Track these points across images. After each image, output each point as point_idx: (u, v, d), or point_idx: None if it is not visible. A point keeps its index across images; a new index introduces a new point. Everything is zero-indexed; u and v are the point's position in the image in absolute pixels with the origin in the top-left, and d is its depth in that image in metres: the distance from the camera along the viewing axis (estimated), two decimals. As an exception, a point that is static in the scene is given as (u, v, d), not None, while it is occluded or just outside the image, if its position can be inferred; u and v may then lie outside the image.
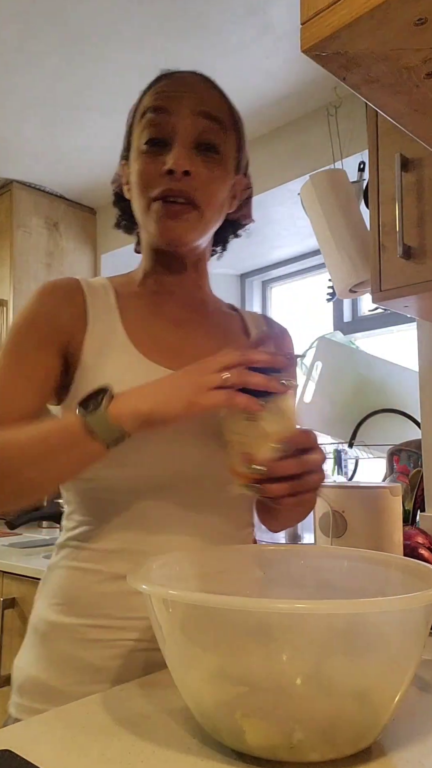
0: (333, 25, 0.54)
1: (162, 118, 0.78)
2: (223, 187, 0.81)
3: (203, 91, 0.80)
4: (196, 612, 0.53)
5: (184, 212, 0.77)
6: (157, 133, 0.78)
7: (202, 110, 0.78)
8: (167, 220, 0.78)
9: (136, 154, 0.80)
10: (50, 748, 0.54)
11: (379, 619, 0.51)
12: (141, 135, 0.79)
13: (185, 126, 0.77)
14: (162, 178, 0.76)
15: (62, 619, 0.76)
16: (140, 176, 0.79)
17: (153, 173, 0.77)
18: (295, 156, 2.09)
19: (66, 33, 1.70)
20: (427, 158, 1.08)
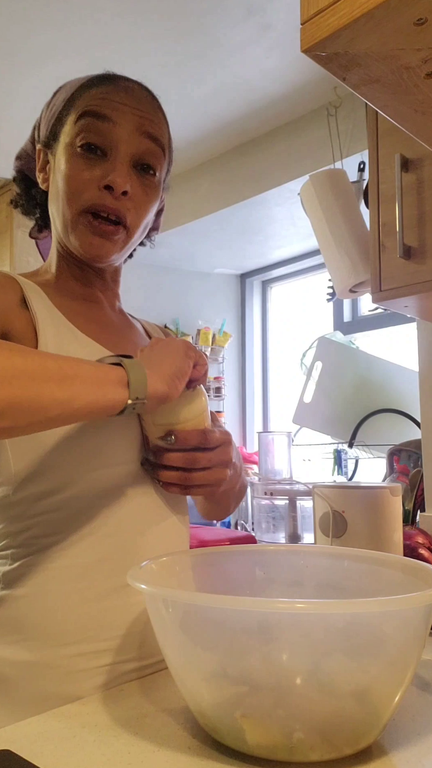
0: (333, 25, 0.54)
1: (106, 126, 0.75)
2: (153, 206, 0.81)
3: (150, 111, 0.78)
4: (196, 612, 0.53)
5: (114, 233, 0.77)
6: (97, 140, 0.75)
7: (147, 131, 0.77)
8: (94, 236, 0.76)
9: (68, 153, 0.76)
10: (50, 748, 0.54)
11: (379, 619, 0.51)
12: (77, 135, 0.76)
13: (128, 143, 0.76)
14: (96, 190, 0.75)
15: (36, 657, 0.68)
16: (70, 181, 0.76)
17: (86, 183, 0.75)
18: (295, 156, 2.09)
19: (65, 34, 1.70)
20: (427, 158, 1.08)
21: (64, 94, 0.80)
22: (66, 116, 0.78)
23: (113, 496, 0.73)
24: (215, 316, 2.81)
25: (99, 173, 0.75)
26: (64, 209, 0.77)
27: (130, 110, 0.76)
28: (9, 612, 0.70)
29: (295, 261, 2.70)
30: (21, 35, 1.71)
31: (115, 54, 1.78)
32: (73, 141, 0.76)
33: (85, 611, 0.70)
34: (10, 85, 1.92)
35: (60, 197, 0.77)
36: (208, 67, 1.84)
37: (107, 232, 0.76)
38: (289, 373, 2.70)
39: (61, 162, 0.77)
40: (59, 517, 0.71)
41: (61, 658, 0.68)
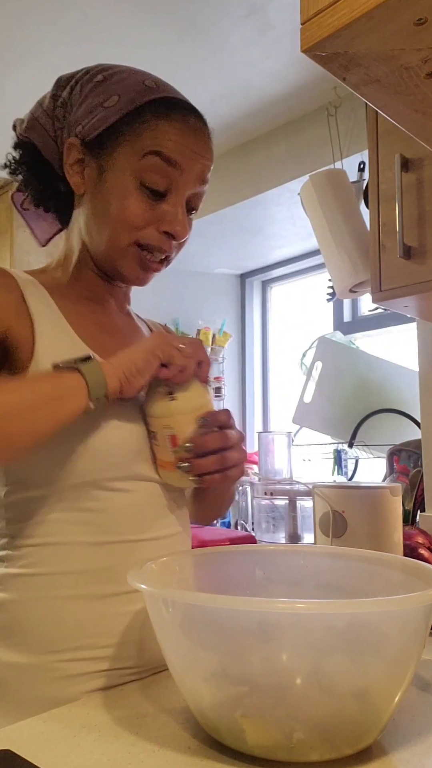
0: (333, 25, 0.54)
1: (173, 173, 0.76)
2: None
3: (211, 156, 0.80)
4: (196, 612, 0.53)
5: (159, 268, 0.81)
6: (163, 184, 0.76)
7: (205, 178, 0.79)
8: (141, 271, 0.79)
9: (128, 183, 0.75)
10: (50, 748, 0.54)
11: (379, 619, 0.51)
12: (143, 171, 0.75)
13: (188, 189, 0.78)
14: (155, 232, 0.77)
15: (32, 660, 0.68)
16: (129, 214, 0.75)
17: (147, 220, 0.76)
18: (295, 156, 2.09)
19: (65, 34, 1.70)
20: (427, 158, 1.08)
21: (120, 100, 0.75)
22: (126, 135, 0.75)
23: (112, 502, 0.72)
24: (215, 316, 2.81)
25: (159, 214, 0.76)
26: (114, 234, 0.77)
27: (198, 158, 0.77)
28: (5, 615, 0.70)
29: (295, 261, 2.70)
30: (19, 33, 1.71)
31: (115, 54, 1.78)
32: (138, 175, 0.75)
33: (81, 617, 0.69)
34: (9, 84, 1.92)
35: (110, 220, 0.76)
36: (208, 67, 1.84)
37: (154, 268, 0.80)
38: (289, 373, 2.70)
39: (116, 186, 0.76)
40: (55, 520, 0.71)
41: (57, 662, 0.68)
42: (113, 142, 0.76)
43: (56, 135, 0.80)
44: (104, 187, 0.77)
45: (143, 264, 0.79)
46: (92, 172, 0.78)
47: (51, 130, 0.80)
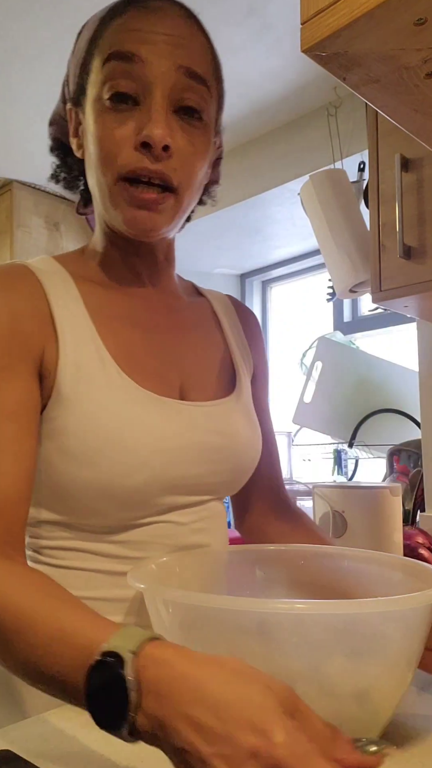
0: (333, 25, 0.54)
1: (135, 68, 0.61)
2: (205, 160, 0.67)
3: (188, 38, 0.63)
4: (196, 612, 0.53)
5: (159, 201, 0.63)
6: (127, 87, 0.61)
7: (186, 65, 0.62)
8: (137, 209, 0.63)
9: (96, 108, 0.63)
10: (50, 748, 0.54)
11: (379, 620, 0.51)
12: (103, 85, 0.62)
13: (164, 82, 0.61)
14: (133, 150, 0.61)
15: None
16: (101, 143, 0.62)
17: (120, 142, 0.61)
18: (295, 156, 2.09)
19: (65, 33, 1.70)
20: (427, 158, 1.08)
21: (87, 32, 0.66)
22: (90, 62, 0.64)
23: (143, 534, 0.68)
24: (215, 316, 2.82)
25: (132, 128, 0.61)
26: (99, 179, 0.64)
27: (162, 40, 0.61)
28: None
29: (295, 261, 2.70)
30: (22, 33, 1.71)
31: (115, 54, 1.78)
32: (100, 93, 0.62)
33: None
34: (9, 84, 1.92)
35: (94, 165, 0.65)
36: (208, 67, 1.84)
37: (151, 202, 0.63)
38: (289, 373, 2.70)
39: (90, 121, 0.64)
40: (82, 548, 0.67)
41: None
42: (86, 81, 0.66)
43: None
44: (86, 134, 0.66)
45: (136, 201, 0.63)
46: (83, 128, 0.68)
47: (64, 113, 0.74)
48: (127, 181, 0.63)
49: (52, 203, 2.66)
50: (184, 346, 0.74)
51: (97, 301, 0.68)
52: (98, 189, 0.66)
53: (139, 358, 0.69)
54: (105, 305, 0.69)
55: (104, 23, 0.64)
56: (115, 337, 0.67)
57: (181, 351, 0.74)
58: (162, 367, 0.71)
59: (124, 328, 0.69)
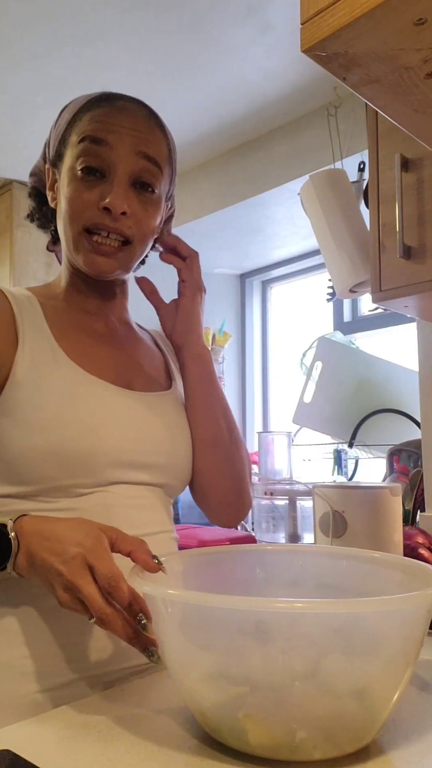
0: (333, 25, 0.54)
1: (102, 150, 0.78)
2: (155, 221, 0.83)
3: (145, 130, 0.80)
4: (196, 611, 0.53)
5: (115, 252, 0.79)
6: (95, 163, 0.78)
7: (143, 151, 0.79)
8: (96, 255, 0.79)
9: (69, 175, 0.80)
10: (50, 748, 0.54)
11: (377, 619, 0.51)
12: (77, 159, 0.79)
13: (125, 164, 0.78)
14: (96, 211, 0.77)
15: (5, 658, 0.72)
16: (71, 203, 0.79)
17: (86, 203, 0.78)
18: (295, 156, 2.09)
19: (66, 33, 1.70)
20: (427, 158, 1.08)
21: (68, 114, 0.83)
22: (68, 138, 0.81)
23: (85, 504, 0.74)
24: (215, 316, 2.81)
25: (98, 194, 0.77)
26: (66, 228, 0.80)
27: (127, 132, 0.78)
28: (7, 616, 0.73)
29: (295, 261, 2.69)
30: (14, 32, 1.71)
31: (115, 54, 1.78)
32: (74, 165, 0.79)
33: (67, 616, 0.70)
34: (9, 84, 1.92)
35: (63, 217, 0.80)
36: (208, 68, 1.84)
37: (107, 251, 0.79)
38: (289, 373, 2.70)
39: (64, 184, 0.80)
40: (26, 510, 0.72)
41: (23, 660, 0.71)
42: (64, 152, 0.82)
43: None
44: (60, 192, 0.82)
45: (95, 248, 0.79)
46: (57, 185, 0.84)
47: (43, 169, 0.88)
48: (88, 232, 0.79)
49: (52, 203, 2.66)
50: (131, 352, 0.89)
51: (56, 315, 0.83)
52: (65, 236, 0.82)
53: (91, 356, 0.82)
54: (62, 318, 0.83)
55: (82, 111, 0.81)
56: (69, 340, 0.81)
57: (128, 355, 0.87)
58: (113, 364, 0.84)
59: (78, 334, 0.83)
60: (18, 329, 0.77)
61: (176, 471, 0.85)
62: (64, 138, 0.82)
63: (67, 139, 0.81)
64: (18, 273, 2.52)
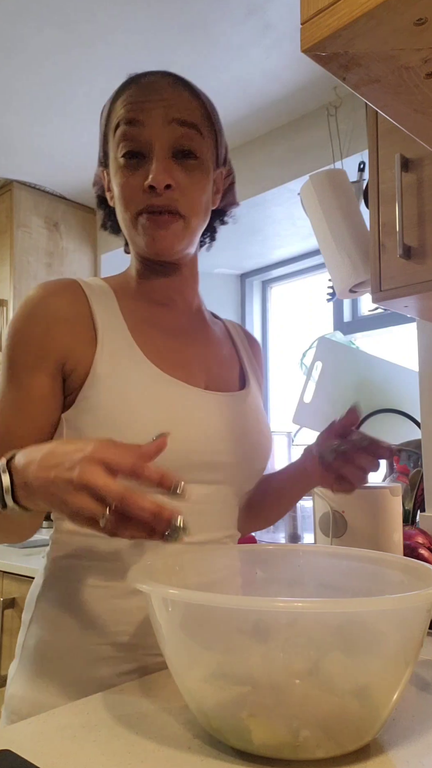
0: (333, 25, 0.54)
1: (136, 130, 0.77)
2: (204, 189, 0.81)
3: (174, 97, 0.78)
4: (196, 611, 0.53)
5: (170, 222, 0.78)
6: (133, 146, 0.77)
7: (176, 117, 0.77)
8: (155, 230, 0.78)
9: (115, 167, 0.80)
10: (50, 748, 0.54)
11: (376, 618, 0.51)
12: (117, 147, 0.79)
13: (160, 137, 0.77)
14: (143, 193, 0.77)
15: (71, 641, 0.73)
16: (121, 191, 0.79)
17: (134, 188, 0.77)
18: (295, 156, 2.09)
19: (66, 34, 1.70)
20: (427, 158, 1.08)
21: (105, 111, 0.83)
22: (108, 132, 0.82)
23: None
24: (215, 316, 2.82)
25: (142, 176, 0.77)
26: (123, 218, 0.81)
27: (155, 105, 0.77)
28: (53, 595, 0.76)
29: (295, 261, 2.69)
30: (20, 34, 1.71)
31: (116, 55, 1.78)
32: (116, 154, 0.79)
33: (113, 607, 0.74)
34: (9, 84, 1.92)
35: (118, 207, 0.81)
36: (208, 68, 1.84)
37: (164, 223, 0.77)
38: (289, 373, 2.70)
39: (113, 176, 0.81)
40: None
41: (92, 645, 0.73)
42: (108, 148, 0.82)
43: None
44: (113, 186, 0.82)
45: (152, 224, 0.78)
46: (110, 183, 0.84)
47: (101, 174, 0.89)
48: (144, 215, 0.78)
49: (51, 203, 2.66)
50: (206, 349, 0.87)
51: (132, 309, 0.82)
52: (123, 224, 0.82)
53: (166, 354, 0.80)
54: (138, 312, 0.82)
55: (114, 101, 0.81)
56: (144, 336, 0.80)
57: (204, 352, 0.86)
58: (187, 362, 0.82)
59: (153, 331, 0.81)
60: (96, 324, 0.77)
61: (250, 471, 0.85)
62: (105, 134, 0.83)
63: (108, 135, 0.82)
64: (18, 273, 2.52)
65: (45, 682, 0.74)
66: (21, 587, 1.80)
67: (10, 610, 1.82)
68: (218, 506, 0.80)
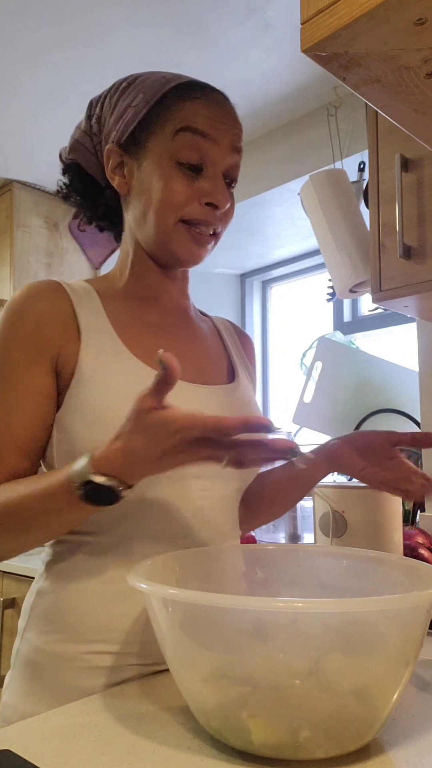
0: (333, 25, 0.54)
1: (207, 144, 0.78)
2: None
3: (237, 125, 0.81)
4: (196, 611, 0.53)
5: (210, 241, 0.81)
6: (198, 158, 0.78)
7: (237, 146, 0.81)
8: (195, 245, 0.80)
9: (164, 165, 0.78)
10: (50, 748, 0.54)
11: (376, 618, 0.51)
12: (177, 150, 0.77)
13: (222, 160, 0.79)
14: (197, 206, 0.78)
15: (63, 649, 0.72)
16: (170, 194, 0.77)
17: (188, 197, 0.78)
18: (295, 156, 2.09)
19: (66, 33, 1.70)
20: (427, 158, 1.08)
21: (144, 96, 0.80)
22: (154, 124, 0.79)
23: (155, 508, 0.74)
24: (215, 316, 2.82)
25: (199, 188, 0.78)
26: (160, 217, 0.79)
27: (227, 129, 0.79)
28: (46, 605, 0.76)
29: (295, 261, 2.69)
30: (17, 32, 1.71)
31: (116, 54, 1.78)
32: (173, 156, 0.78)
33: (109, 612, 0.73)
34: (6, 82, 1.92)
35: (153, 206, 0.79)
36: (208, 68, 1.84)
37: (205, 240, 0.81)
38: (289, 373, 2.70)
39: (154, 170, 0.79)
40: (103, 520, 0.74)
41: (83, 653, 0.72)
42: (146, 135, 0.79)
43: (96, 150, 0.86)
44: (144, 178, 0.80)
45: (195, 239, 0.80)
46: (132, 169, 0.81)
47: (91, 146, 0.86)
48: (186, 224, 0.79)
49: (51, 203, 2.66)
50: (192, 344, 0.87)
51: (116, 307, 0.82)
52: (153, 226, 0.80)
53: (152, 350, 0.78)
54: (122, 310, 0.82)
55: (174, 99, 0.79)
56: (130, 333, 0.80)
57: (190, 348, 0.86)
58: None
59: (138, 328, 0.82)
60: (79, 322, 0.77)
61: None
62: (146, 124, 0.79)
63: (152, 126, 0.79)
64: (18, 273, 2.52)
65: (37, 691, 0.73)
66: (21, 587, 1.80)
67: (10, 610, 1.82)
68: (216, 502, 0.80)
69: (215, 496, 0.79)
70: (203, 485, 0.78)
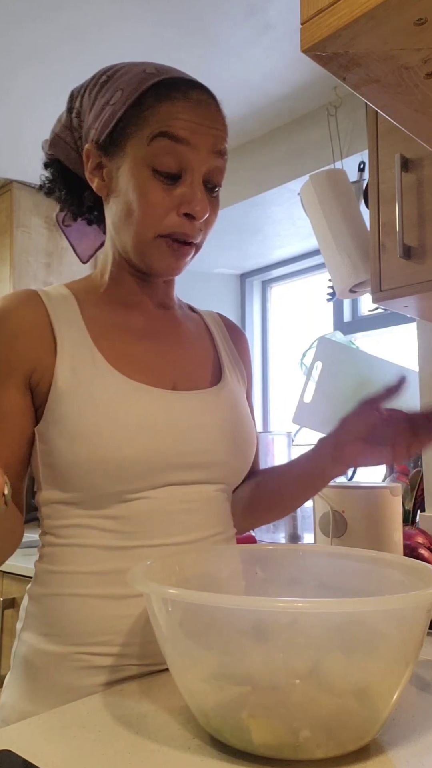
0: (333, 25, 0.54)
1: (183, 150, 0.73)
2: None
3: (220, 125, 0.76)
4: (196, 611, 0.53)
5: (189, 252, 0.78)
6: (174, 165, 0.73)
7: (219, 149, 0.75)
8: (173, 259, 0.77)
9: (140, 172, 0.74)
10: (50, 748, 0.54)
11: (376, 618, 0.51)
12: (153, 157, 0.73)
13: (202, 165, 0.74)
14: (176, 217, 0.74)
15: (61, 649, 0.72)
16: (147, 205, 0.74)
17: (166, 208, 0.74)
18: (295, 156, 2.09)
19: (66, 33, 1.70)
20: (427, 158, 1.08)
21: (123, 94, 0.75)
22: (132, 126, 0.74)
23: (134, 510, 0.74)
24: (215, 316, 2.82)
25: (177, 198, 0.74)
26: (138, 230, 0.75)
27: (207, 130, 0.74)
28: (43, 605, 0.75)
29: (295, 261, 2.69)
30: (14, 32, 1.71)
31: (115, 53, 1.78)
32: (149, 163, 0.73)
33: (100, 615, 0.72)
34: (6, 82, 1.92)
35: (134, 217, 0.75)
36: (208, 68, 1.84)
37: (183, 253, 0.77)
38: (289, 373, 2.70)
39: (130, 179, 0.75)
40: (79, 524, 0.75)
41: (80, 654, 0.72)
42: (123, 137, 0.75)
43: (77, 145, 0.83)
44: (121, 184, 0.76)
45: (174, 252, 0.76)
46: (110, 172, 0.78)
47: (72, 142, 0.83)
48: (167, 238, 0.75)
49: (51, 203, 2.64)
50: (177, 347, 0.84)
51: (95, 315, 0.80)
52: (132, 237, 0.77)
53: (132, 358, 0.78)
54: (101, 318, 0.80)
55: (152, 100, 0.74)
56: (109, 342, 0.78)
57: (174, 352, 0.83)
58: (155, 364, 0.80)
59: (117, 335, 0.80)
60: (56, 334, 0.75)
61: (232, 466, 0.82)
62: (123, 125, 0.75)
63: (130, 128, 0.74)
64: (18, 273, 2.52)
65: (37, 691, 0.73)
66: (21, 587, 1.80)
67: (10, 610, 1.82)
68: (202, 505, 0.78)
69: (197, 499, 0.78)
70: (182, 490, 0.77)
